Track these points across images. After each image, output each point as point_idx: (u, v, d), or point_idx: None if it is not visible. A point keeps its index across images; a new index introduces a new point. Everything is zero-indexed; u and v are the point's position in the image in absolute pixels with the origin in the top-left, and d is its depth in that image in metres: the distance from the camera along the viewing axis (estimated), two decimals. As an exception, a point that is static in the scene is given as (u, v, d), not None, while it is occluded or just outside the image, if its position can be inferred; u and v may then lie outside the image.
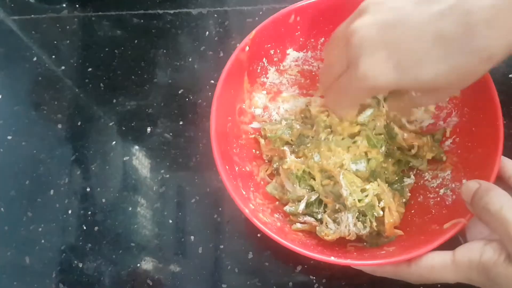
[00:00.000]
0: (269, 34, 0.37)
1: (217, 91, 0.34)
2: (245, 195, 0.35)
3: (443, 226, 0.31)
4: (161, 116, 0.44)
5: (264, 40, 0.37)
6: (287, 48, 0.40)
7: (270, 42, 0.38)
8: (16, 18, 0.49)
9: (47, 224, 0.42)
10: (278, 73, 0.41)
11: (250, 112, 0.40)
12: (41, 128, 0.45)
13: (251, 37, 0.35)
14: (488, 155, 0.32)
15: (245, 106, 0.40)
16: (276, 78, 0.41)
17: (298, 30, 0.38)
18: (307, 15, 0.37)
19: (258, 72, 0.40)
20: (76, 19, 0.49)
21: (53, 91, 0.46)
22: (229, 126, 0.37)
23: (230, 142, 0.37)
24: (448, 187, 0.35)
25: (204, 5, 0.48)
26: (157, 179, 0.42)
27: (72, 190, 0.43)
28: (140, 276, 0.40)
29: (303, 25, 0.38)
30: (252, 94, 0.40)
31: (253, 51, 0.37)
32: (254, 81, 0.40)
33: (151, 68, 0.46)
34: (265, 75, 0.40)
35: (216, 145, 0.33)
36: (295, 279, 0.38)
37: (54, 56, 0.48)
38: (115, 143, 0.44)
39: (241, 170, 0.37)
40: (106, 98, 0.45)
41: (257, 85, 0.40)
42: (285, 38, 0.38)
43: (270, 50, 0.39)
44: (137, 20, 0.48)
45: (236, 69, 0.36)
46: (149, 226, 0.41)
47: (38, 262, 0.41)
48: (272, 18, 0.36)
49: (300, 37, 0.39)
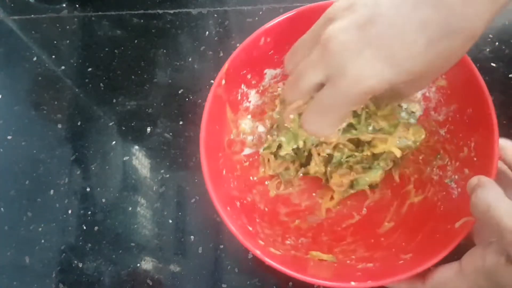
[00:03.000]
0: (242, 62, 0.36)
1: (202, 134, 0.33)
2: (252, 231, 0.34)
3: (455, 225, 0.31)
4: (161, 116, 0.44)
5: (239, 68, 0.36)
6: (263, 69, 0.39)
7: (245, 68, 0.37)
8: (16, 18, 0.49)
9: (47, 224, 0.42)
10: (259, 94, 0.40)
11: (239, 140, 0.39)
12: (41, 128, 0.45)
13: (224, 71, 0.35)
14: (485, 144, 0.32)
15: (233, 136, 0.39)
16: (258, 100, 0.40)
17: (270, 49, 0.37)
18: (276, 34, 0.36)
19: (239, 99, 0.39)
20: (76, 19, 0.49)
21: (53, 91, 0.46)
22: (222, 162, 0.36)
23: (226, 180, 0.37)
24: (452, 179, 0.35)
25: (204, 5, 0.48)
26: (157, 179, 0.42)
27: (72, 190, 0.43)
28: (140, 276, 0.40)
29: (275, 44, 0.37)
30: (237, 122, 0.39)
31: (230, 82, 0.36)
32: (237, 108, 0.39)
33: (151, 68, 0.46)
34: (246, 99, 0.39)
35: (213, 191, 0.32)
36: (295, 279, 0.38)
37: (54, 56, 0.48)
38: (115, 143, 0.44)
39: (243, 204, 0.37)
40: (106, 98, 0.46)
41: (240, 112, 0.39)
42: (259, 61, 0.38)
43: (246, 75, 0.38)
44: (137, 20, 0.48)
45: (216, 105, 0.35)
46: (149, 226, 0.41)
47: (38, 262, 0.41)
48: (242, 46, 0.35)
49: (274, 55, 0.38)
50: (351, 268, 0.34)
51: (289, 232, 0.37)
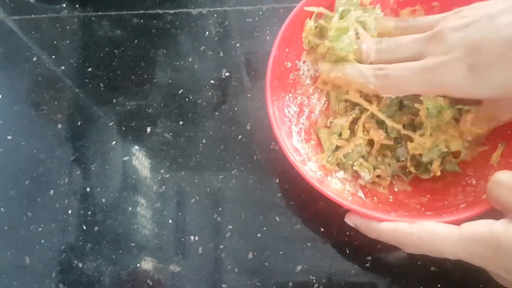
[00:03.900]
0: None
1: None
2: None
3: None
4: (161, 116, 0.44)
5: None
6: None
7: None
8: (16, 18, 0.49)
9: (47, 224, 0.42)
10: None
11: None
12: (41, 128, 0.45)
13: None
14: None
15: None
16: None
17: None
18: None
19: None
20: (76, 19, 0.49)
21: (53, 91, 0.46)
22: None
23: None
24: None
25: (204, 5, 0.48)
26: (157, 179, 0.42)
27: (72, 190, 0.43)
28: (140, 276, 0.40)
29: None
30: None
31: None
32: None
33: (151, 68, 0.46)
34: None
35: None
36: (295, 279, 0.38)
37: (54, 56, 0.48)
38: (115, 143, 0.44)
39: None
40: (106, 98, 0.46)
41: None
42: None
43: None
44: (137, 20, 0.48)
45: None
46: (149, 226, 0.41)
47: (38, 262, 0.41)
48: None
49: None
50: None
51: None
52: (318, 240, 0.39)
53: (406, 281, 0.37)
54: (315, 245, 0.39)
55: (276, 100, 0.36)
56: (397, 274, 0.38)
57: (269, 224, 0.40)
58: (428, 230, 0.28)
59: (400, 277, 0.37)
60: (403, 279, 0.37)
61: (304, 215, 0.40)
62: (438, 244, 0.28)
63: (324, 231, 0.39)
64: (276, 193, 0.41)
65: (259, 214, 0.40)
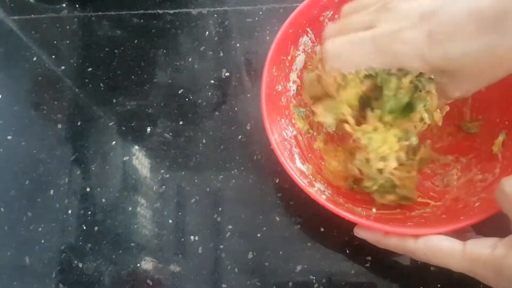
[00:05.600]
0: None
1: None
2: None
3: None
4: (161, 116, 0.44)
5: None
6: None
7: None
8: (16, 18, 0.49)
9: (47, 224, 0.42)
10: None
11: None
12: (41, 128, 0.45)
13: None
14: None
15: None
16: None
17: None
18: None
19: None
20: (76, 19, 0.49)
21: (53, 91, 0.46)
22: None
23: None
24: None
25: (204, 5, 0.48)
26: (157, 179, 0.42)
27: (72, 190, 0.43)
28: (140, 276, 0.40)
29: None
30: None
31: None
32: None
33: (151, 68, 0.46)
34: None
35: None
36: (295, 279, 0.38)
37: (54, 56, 0.48)
38: (115, 143, 0.44)
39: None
40: (106, 98, 0.46)
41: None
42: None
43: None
44: (137, 20, 0.48)
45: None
46: (149, 226, 0.41)
47: (38, 262, 0.41)
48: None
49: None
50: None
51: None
52: (318, 240, 0.39)
53: (406, 281, 0.37)
54: (315, 245, 0.39)
55: (274, 125, 0.35)
56: (397, 274, 0.38)
57: (269, 224, 0.40)
58: (433, 247, 0.29)
59: (400, 277, 0.38)
60: (403, 279, 0.37)
61: (304, 215, 0.40)
62: (443, 261, 0.29)
63: (324, 231, 0.39)
64: (276, 193, 0.41)
65: (259, 214, 0.40)
